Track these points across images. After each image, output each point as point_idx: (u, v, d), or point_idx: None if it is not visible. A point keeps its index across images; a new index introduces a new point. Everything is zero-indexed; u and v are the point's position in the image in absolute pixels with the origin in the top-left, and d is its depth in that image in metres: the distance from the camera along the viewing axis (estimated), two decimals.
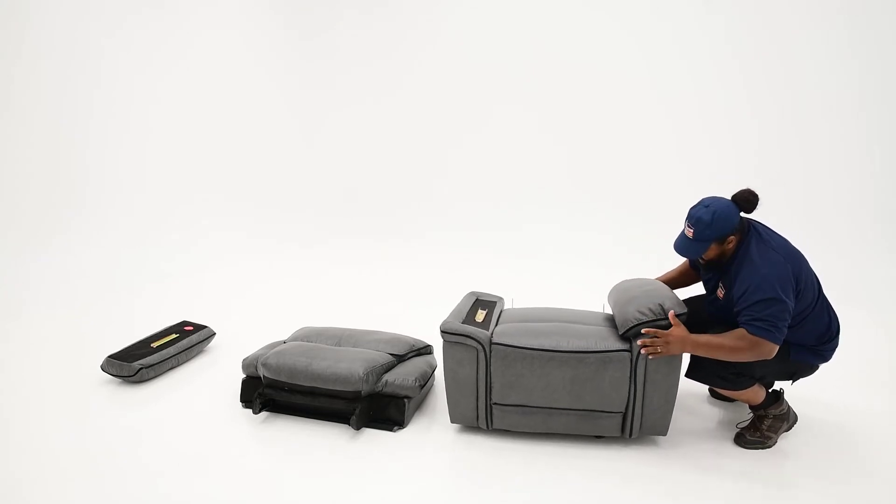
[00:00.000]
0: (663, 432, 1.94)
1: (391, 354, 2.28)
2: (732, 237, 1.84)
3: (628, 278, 2.29)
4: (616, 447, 1.98)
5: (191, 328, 2.80)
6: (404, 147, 5.36)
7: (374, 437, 2.06)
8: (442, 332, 1.97)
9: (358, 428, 2.06)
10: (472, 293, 2.38)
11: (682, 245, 1.88)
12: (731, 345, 1.76)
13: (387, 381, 2.12)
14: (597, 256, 4.51)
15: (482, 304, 2.26)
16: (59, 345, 2.99)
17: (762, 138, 4.53)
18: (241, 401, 2.27)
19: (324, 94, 5.63)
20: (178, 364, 2.63)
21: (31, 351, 2.91)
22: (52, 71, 4.14)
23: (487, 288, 3.30)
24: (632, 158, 4.85)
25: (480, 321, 2.06)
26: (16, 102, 4.03)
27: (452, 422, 2.06)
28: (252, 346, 2.64)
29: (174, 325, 2.84)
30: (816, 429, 2.11)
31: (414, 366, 2.24)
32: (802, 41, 4.33)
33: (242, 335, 3.00)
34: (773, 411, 1.99)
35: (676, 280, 2.25)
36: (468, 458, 1.94)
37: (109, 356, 2.48)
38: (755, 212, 1.87)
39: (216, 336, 3.07)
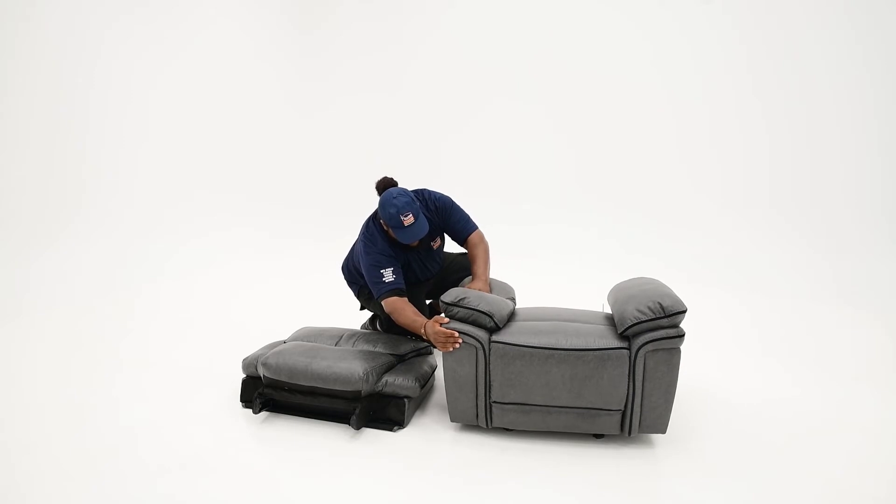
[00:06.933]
0: (662, 430, 1.94)
1: (391, 354, 2.28)
2: None
3: (628, 278, 2.29)
4: (615, 445, 1.98)
5: None
6: (405, 145, 5.37)
7: (374, 437, 2.06)
8: None
9: (358, 428, 2.06)
10: None
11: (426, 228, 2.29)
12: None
13: (387, 381, 2.12)
14: (597, 256, 4.52)
15: None
16: (59, 344, 3.00)
17: (767, 138, 4.50)
18: (241, 401, 2.28)
19: (325, 91, 5.64)
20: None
21: (31, 350, 2.91)
22: (48, 68, 4.14)
23: None
24: (633, 157, 4.85)
25: None
26: (13, 101, 4.03)
27: (452, 420, 2.06)
28: (252, 346, 2.65)
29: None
30: (820, 430, 2.11)
31: (414, 366, 2.25)
32: (811, 39, 4.29)
33: (242, 335, 3.01)
34: None
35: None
36: (468, 456, 1.94)
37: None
38: None
39: (216, 336, 3.08)
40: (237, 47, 5.27)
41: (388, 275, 2.28)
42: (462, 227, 2.53)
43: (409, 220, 2.22)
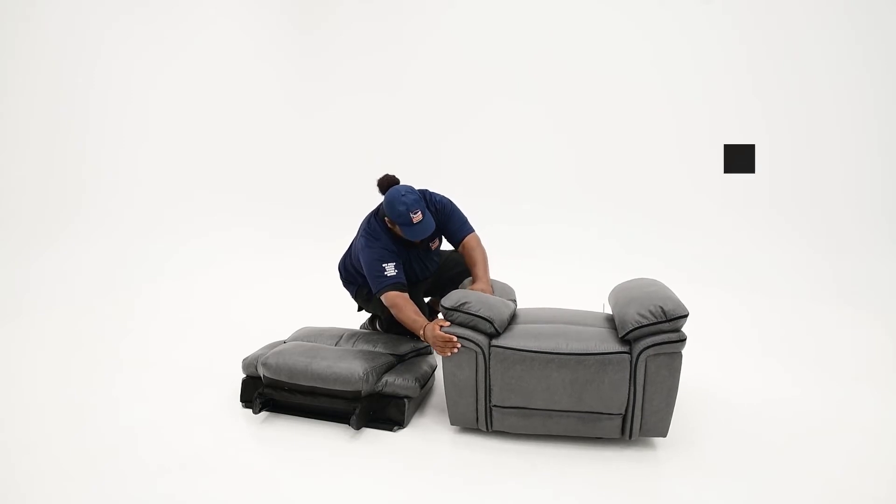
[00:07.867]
0: (663, 434, 1.93)
1: (391, 354, 2.28)
2: None
3: (629, 279, 2.29)
4: (615, 449, 1.98)
5: None
6: (405, 145, 5.36)
7: (374, 437, 2.06)
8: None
9: (358, 428, 2.06)
10: None
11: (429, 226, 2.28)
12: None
13: (387, 381, 2.12)
14: (597, 256, 4.51)
15: None
16: (59, 344, 2.99)
17: (767, 138, 4.49)
18: (241, 401, 2.28)
19: (325, 91, 5.63)
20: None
21: (31, 350, 2.91)
22: (48, 68, 4.14)
23: None
24: (633, 157, 4.84)
25: None
26: (14, 101, 4.03)
27: (452, 423, 2.06)
28: (252, 346, 2.65)
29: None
30: (820, 430, 2.11)
31: (414, 366, 2.25)
32: (811, 39, 4.27)
33: (242, 335, 3.01)
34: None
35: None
36: (468, 457, 1.94)
37: None
38: None
39: (216, 336, 3.08)
40: (237, 47, 5.26)
41: (391, 269, 2.28)
42: (459, 228, 2.52)
43: (417, 217, 2.22)
